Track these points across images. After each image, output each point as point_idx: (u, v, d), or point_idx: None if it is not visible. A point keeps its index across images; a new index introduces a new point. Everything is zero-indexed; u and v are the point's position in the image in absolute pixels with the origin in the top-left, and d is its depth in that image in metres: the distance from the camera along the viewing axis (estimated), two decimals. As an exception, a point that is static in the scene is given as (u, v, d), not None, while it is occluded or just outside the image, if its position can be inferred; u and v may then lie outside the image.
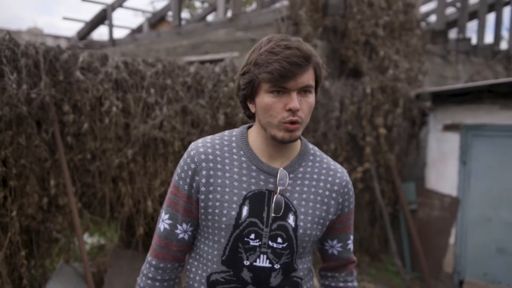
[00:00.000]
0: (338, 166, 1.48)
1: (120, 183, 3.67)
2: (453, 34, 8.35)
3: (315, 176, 1.40)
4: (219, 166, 1.34)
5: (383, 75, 5.30)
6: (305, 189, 1.37)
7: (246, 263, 1.32)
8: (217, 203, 1.32)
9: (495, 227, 5.04)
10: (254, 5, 13.08)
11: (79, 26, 8.71)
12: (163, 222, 1.41)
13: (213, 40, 5.88)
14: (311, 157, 1.43)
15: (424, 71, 5.66)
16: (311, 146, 1.47)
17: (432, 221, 5.48)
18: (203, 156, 1.35)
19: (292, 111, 1.24)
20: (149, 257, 1.44)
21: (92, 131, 3.50)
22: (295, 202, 1.35)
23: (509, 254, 4.94)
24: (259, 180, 1.34)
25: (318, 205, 1.38)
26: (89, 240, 4.36)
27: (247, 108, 1.39)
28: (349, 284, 1.56)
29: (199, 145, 1.38)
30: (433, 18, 9.52)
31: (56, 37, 10.19)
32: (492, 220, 5.06)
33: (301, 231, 1.34)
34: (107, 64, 3.61)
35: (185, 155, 1.39)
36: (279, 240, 1.33)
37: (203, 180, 1.33)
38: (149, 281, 1.42)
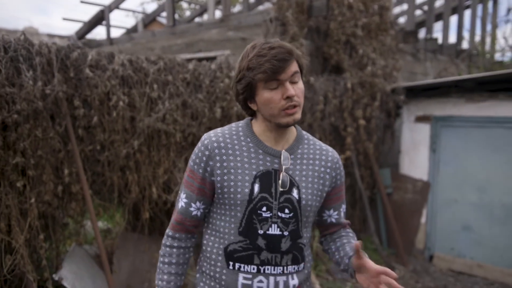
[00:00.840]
0: (329, 147, 1.62)
1: (127, 171, 3.69)
2: (422, 34, 8.48)
3: (311, 156, 1.53)
4: (230, 151, 1.45)
5: (362, 71, 5.39)
6: (304, 167, 1.50)
7: (261, 232, 1.43)
8: (232, 183, 1.43)
9: (461, 207, 5.21)
10: (238, 6, 13.03)
11: (75, 26, 8.55)
12: (181, 201, 1.53)
13: (206, 39, 5.89)
14: (305, 141, 1.55)
15: (398, 68, 5.77)
16: (304, 132, 1.60)
17: (405, 203, 5.63)
18: (215, 144, 1.46)
19: (290, 98, 1.37)
20: (167, 230, 1.57)
21: (101, 124, 3.51)
22: (296, 178, 1.47)
23: (473, 231, 5.12)
24: (266, 162, 1.45)
25: (316, 180, 1.51)
26: (98, 224, 4.37)
27: (249, 108, 1.49)
28: (350, 233, 1.69)
29: (211, 135, 1.49)
30: (403, 19, 9.65)
31: (51, 36, 10.03)
32: (458, 201, 5.23)
33: (303, 202, 1.47)
34: (114, 61, 3.61)
35: (199, 144, 1.49)
36: (287, 210, 1.45)
37: (218, 165, 1.45)
38: (167, 249, 1.54)
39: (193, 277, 3.81)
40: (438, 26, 9.92)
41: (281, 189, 1.44)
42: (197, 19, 8.85)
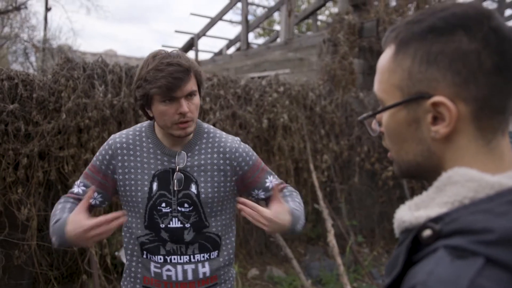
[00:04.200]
0: (229, 137, 1.55)
1: (182, 171, 4.02)
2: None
3: (209, 150, 1.49)
4: (131, 152, 1.46)
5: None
6: (202, 162, 1.47)
7: (162, 225, 1.44)
8: (133, 182, 1.44)
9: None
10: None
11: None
12: (78, 187, 1.50)
13: (270, 60, 6.14)
14: (205, 135, 1.51)
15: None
16: (206, 125, 1.54)
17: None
18: (118, 145, 1.46)
19: (183, 114, 1.34)
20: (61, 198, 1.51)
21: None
22: (195, 174, 1.45)
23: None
24: (164, 161, 1.44)
25: (215, 173, 1.47)
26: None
27: (147, 113, 1.44)
28: (293, 193, 1.59)
29: (116, 136, 1.49)
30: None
31: (128, 58, 11.10)
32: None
33: (203, 196, 1.45)
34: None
35: (105, 143, 1.50)
36: (186, 205, 1.44)
37: (119, 164, 1.45)
38: (59, 205, 1.46)
39: None
40: None
41: (176, 189, 1.43)
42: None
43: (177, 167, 1.44)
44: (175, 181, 1.43)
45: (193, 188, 1.45)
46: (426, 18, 0.61)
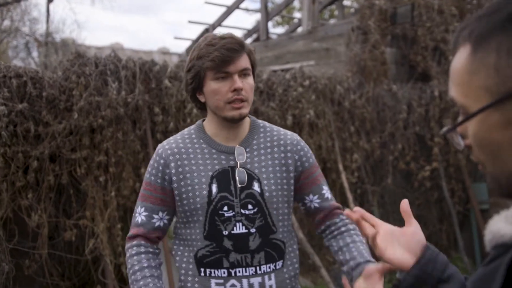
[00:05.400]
0: (288, 132, 1.55)
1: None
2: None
3: (268, 144, 1.48)
4: (184, 156, 1.44)
5: (453, 78, 5.13)
6: (262, 157, 1.46)
7: (225, 232, 1.39)
8: (189, 187, 1.42)
9: None
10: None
11: (187, 43, 9.48)
12: (140, 215, 1.47)
13: (293, 51, 6.12)
14: (261, 129, 1.51)
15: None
16: (260, 121, 1.55)
17: (505, 221, 5.15)
18: (169, 151, 1.45)
19: (237, 91, 1.35)
20: (127, 245, 1.49)
21: (177, 129, 3.90)
22: (256, 171, 1.43)
23: None
24: (221, 160, 1.43)
25: (277, 168, 1.46)
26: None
27: (198, 101, 1.45)
28: (350, 228, 1.53)
29: (164, 144, 1.49)
30: None
31: (136, 51, 11.19)
32: None
33: (267, 194, 1.42)
34: (191, 73, 4.01)
35: (154, 155, 1.49)
36: (250, 206, 1.41)
37: (173, 171, 1.43)
38: (134, 257, 1.45)
39: None
40: None
41: (239, 186, 1.41)
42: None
43: (238, 162, 1.42)
44: (238, 177, 1.40)
45: (256, 186, 1.42)
46: (503, 7, 0.59)
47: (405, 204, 0.97)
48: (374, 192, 4.91)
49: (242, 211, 1.40)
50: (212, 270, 1.41)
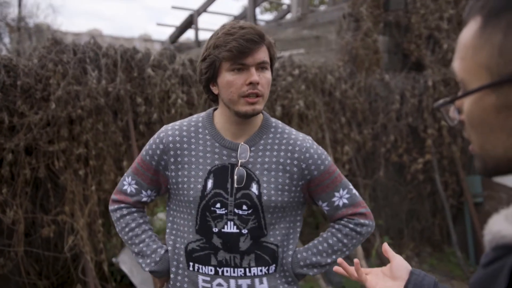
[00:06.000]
0: (300, 135, 1.51)
1: (185, 166, 4.03)
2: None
3: (275, 147, 1.45)
4: (185, 146, 1.45)
5: (447, 68, 5.18)
6: (267, 159, 1.44)
7: (215, 230, 1.41)
8: (185, 179, 1.43)
9: None
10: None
11: (170, 30, 9.41)
12: (129, 186, 1.53)
13: (282, 39, 6.10)
14: (272, 130, 1.48)
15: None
16: (273, 120, 1.52)
17: (499, 215, 5.24)
18: (170, 138, 1.46)
19: (253, 84, 1.32)
20: (112, 207, 1.57)
21: (161, 120, 3.89)
22: (257, 172, 1.42)
23: None
24: (222, 155, 1.42)
25: (280, 173, 1.44)
26: (161, 216, 4.80)
27: (211, 92, 1.44)
28: (359, 220, 1.52)
29: (168, 128, 1.49)
30: None
31: (116, 38, 11.08)
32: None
33: (265, 198, 1.41)
34: (175, 61, 3.98)
35: (155, 135, 1.50)
36: (244, 207, 1.41)
37: (172, 159, 1.45)
38: (122, 219, 1.54)
39: None
40: None
41: (236, 186, 1.40)
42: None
43: (239, 161, 1.41)
44: (236, 176, 1.40)
45: (254, 188, 1.42)
46: None
47: (385, 245, 1.13)
48: (366, 185, 4.95)
49: (236, 210, 1.41)
50: (200, 266, 1.43)
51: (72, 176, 3.38)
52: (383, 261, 4.58)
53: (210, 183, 1.41)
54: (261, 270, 1.44)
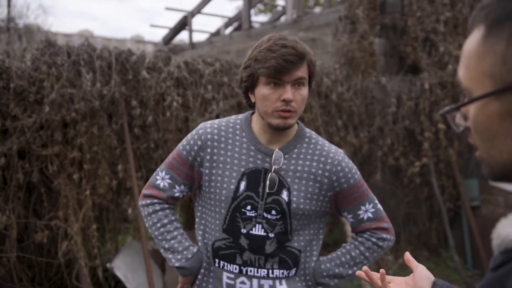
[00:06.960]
0: (333, 147, 1.58)
1: (181, 170, 4.03)
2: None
3: (308, 157, 1.52)
4: (222, 145, 1.51)
5: (443, 70, 5.22)
6: (299, 168, 1.50)
7: (243, 231, 1.49)
8: (219, 178, 1.50)
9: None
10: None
11: (164, 32, 9.40)
12: (163, 180, 1.58)
13: (277, 41, 6.13)
14: (306, 139, 1.55)
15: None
16: (307, 130, 1.58)
17: (496, 218, 5.25)
18: (209, 136, 1.52)
19: (286, 101, 1.39)
20: (142, 202, 1.61)
21: (156, 123, 3.89)
22: (289, 179, 1.49)
23: None
24: (257, 159, 1.49)
25: (310, 183, 1.51)
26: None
27: (249, 98, 1.52)
28: (364, 241, 1.59)
29: (207, 126, 1.56)
30: None
31: (108, 39, 11.06)
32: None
33: (294, 205, 1.48)
34: (170, 64, 3.99)
35: (193, 132, 1.57)
36: (273, 212, 1.48)
37: (208, 157, 1.52)
38: (153, 215, 1.57)
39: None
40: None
41: (268, 191, 1.47)
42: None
43: (273, 167, 1.48)
44: (268, 181, 1.47)
45: (285, 195, 1.49)
46: None
47: (407, 255, 1.19)
48: (363, 189, 4.96)
49: (265, 214, 1.49)
50: (226, 264, 1.52)
51: (66, 180, 3.37)
52: (380, 266, 4.59)
53: (243, 185, 1.49)
54: (282, 273, 1.52)
